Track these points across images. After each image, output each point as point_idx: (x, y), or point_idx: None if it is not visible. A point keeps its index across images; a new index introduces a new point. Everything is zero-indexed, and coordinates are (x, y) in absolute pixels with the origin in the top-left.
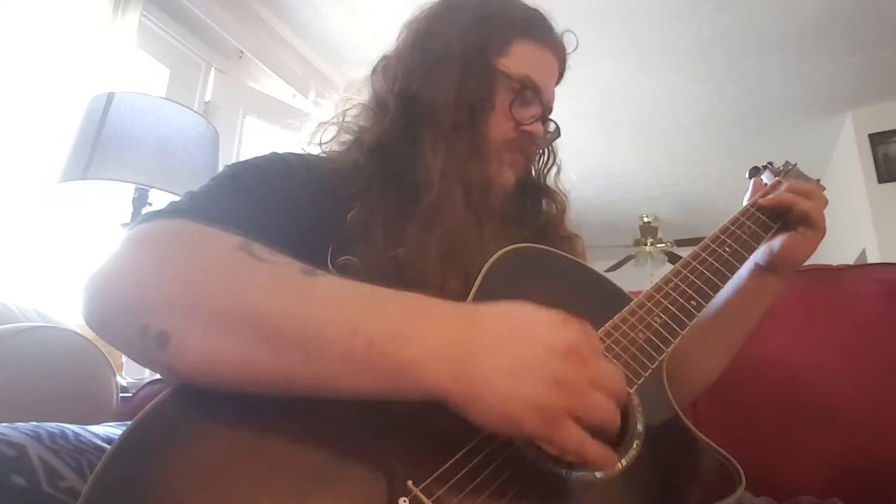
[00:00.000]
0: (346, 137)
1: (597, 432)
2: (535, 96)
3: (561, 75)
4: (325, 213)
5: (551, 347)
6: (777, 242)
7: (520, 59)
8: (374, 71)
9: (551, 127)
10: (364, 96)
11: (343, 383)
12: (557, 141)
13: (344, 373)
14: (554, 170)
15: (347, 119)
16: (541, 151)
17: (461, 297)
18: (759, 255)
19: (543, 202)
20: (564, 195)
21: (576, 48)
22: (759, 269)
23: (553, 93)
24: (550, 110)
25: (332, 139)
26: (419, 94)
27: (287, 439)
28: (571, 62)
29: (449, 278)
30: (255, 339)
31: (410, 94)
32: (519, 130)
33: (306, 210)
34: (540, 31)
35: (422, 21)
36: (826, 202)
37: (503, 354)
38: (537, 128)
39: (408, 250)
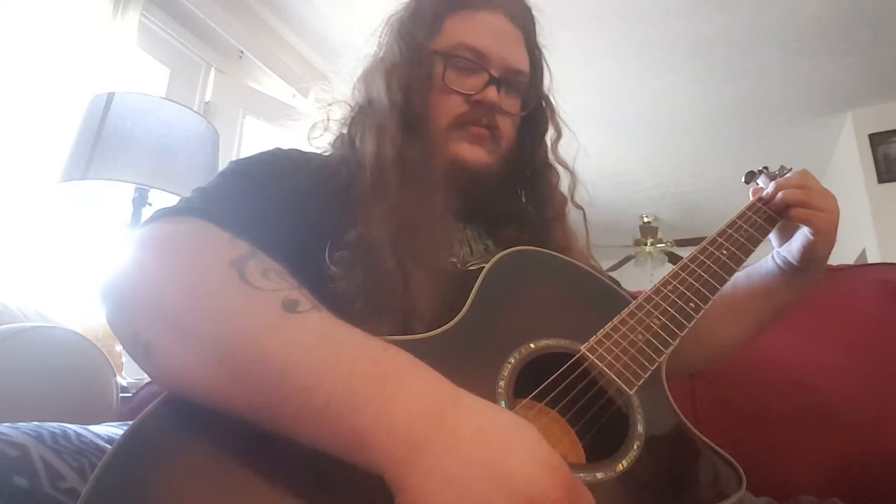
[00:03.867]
0: (333, 135)
1: None
2: (472, 62)
3: (526, 30)
4: (324, 207)
5: (512, 491)
6: (795, 246)
7: (452, 33)
8: (354, 88)
9: (545, 81)
10: (345, 98)
11: (301, 436)
12: (558, 113)
13: (300, 427)
14: (550, 139)
15: (333, 117)
16: (533, 123)
17: (438, 293)
18: (786, 257)
19: (536, 182)
20: (563, 167)
21: None
22: (791, 267)
23: (507, 52)
24: (510, 71)
25: (319, 136)
26: (367, 94)
27: (287, 442)
28: (571, 62)
29: (410, 265)
30: (225, 374)
31: (362, 99)
32: (470, 102)
33: (308, 206)
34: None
35: (373, 38)
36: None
37: (454, 463)
38: (485, 95)
39: (360, 231)
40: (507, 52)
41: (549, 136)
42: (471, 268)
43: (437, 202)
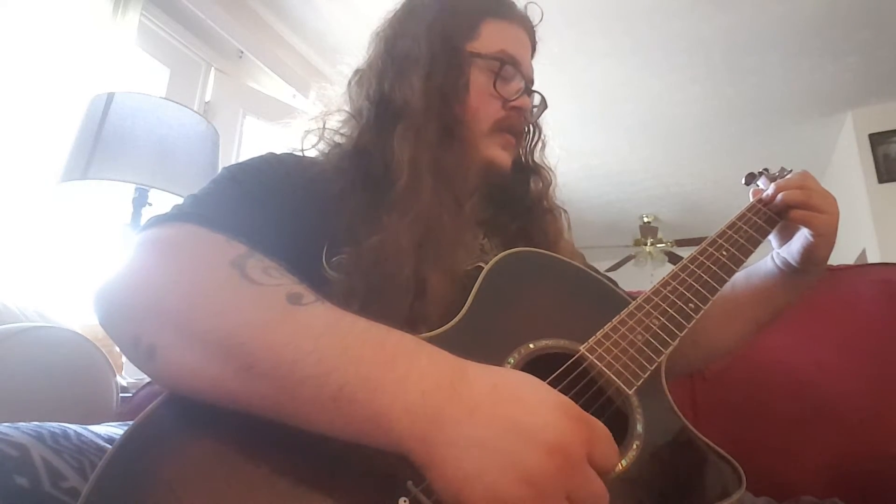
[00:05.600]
0: (328, 144)
1: None
2: (514, 70)
3: (534, 48)
4: (320, 212)
5: (535, 437)
6: (795, 247)
7: (491, 38)
8: (349, 84)
9: (536, 100)
10: (344, 105)
11: (314, 425)
12: (544, 118)
13: (313, 416)
14: (539, 145)
15: (328, 126)
16: (527, 127)
17: (449, 295)
18: (785, 258)
19: (531, 180)
20: (550, 170)
21: (541, 20)
22: (791, 269)
23: (530, 65)
24: (532, 82)
25: (313, 146)
26: (391, 95)
27: (287, 439)
28: (572, 62)
29: (428, 270)
30: (232, 368)
31: (382, 95)
32: (508, 107)
33: (303, 210)
34: (505, 9)
35: (387, 28)
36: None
37: (477, 425)
38: (524, 101)
39: (382, 238)
40: (528, 62)
41: (538, 142)
42: (467, 267)
43: (467, 208)
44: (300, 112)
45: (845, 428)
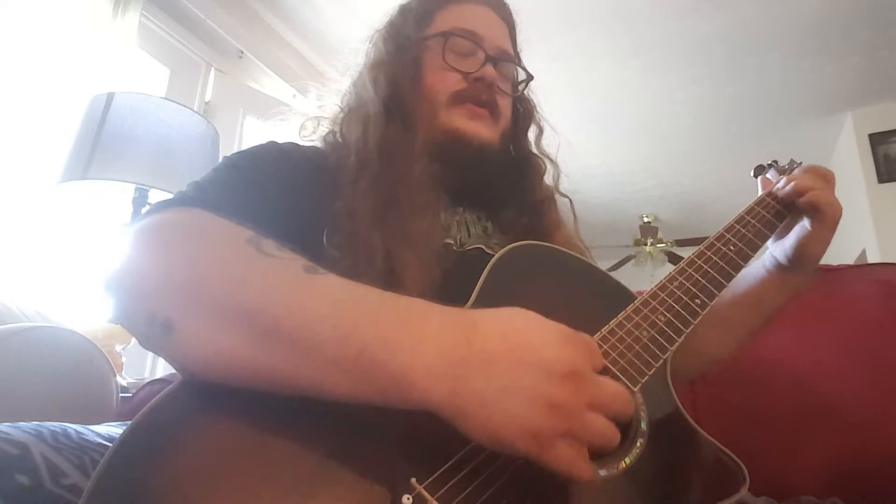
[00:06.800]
0: (322, 134)
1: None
2: (468, 41)
3: (510, 25)
4: (320, 197)
5: (550, 370)
6: (789, 243)
7: (445, 20)
8: (344, 94)
9: (521, 76)
10: (337, 100)
11: (335, 388)
12: (539, 108)
13: (335, 377)
14: (532, 134)
15: (325, 115)
16: (518, 114)
17: (423, 260)
18: (776, 256)
19: (532, 171)
20: (551, 160)
21: None
22: (781, 268)
23: (498, 38)
24: (504, 54)
25: (309, 136)
26: (355, 91)
27: (290, 435)
28: (572, 64)
29: (391, 235)
30: (251, 333)
31: (352, 100)
32: (469, 80)
33: (303, 196)
34: None
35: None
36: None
37: (499, 373)
38: (485, 71)
39: (343, 203)
40: (497, 36)
41: (532, 130)
42: (468, 248)
43: (417, 176)
44: (296, 110)
45: (845, 428)
